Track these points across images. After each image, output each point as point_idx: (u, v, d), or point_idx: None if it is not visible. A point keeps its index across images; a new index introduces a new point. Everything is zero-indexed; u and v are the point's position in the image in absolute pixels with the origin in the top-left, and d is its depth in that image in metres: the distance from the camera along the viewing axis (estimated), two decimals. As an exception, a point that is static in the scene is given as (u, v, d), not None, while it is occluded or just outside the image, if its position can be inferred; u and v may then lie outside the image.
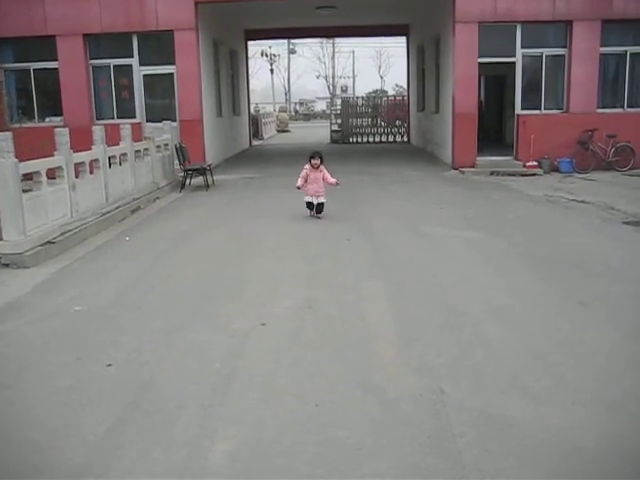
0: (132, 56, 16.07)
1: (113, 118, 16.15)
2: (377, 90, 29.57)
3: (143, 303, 6.08)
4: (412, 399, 3.99)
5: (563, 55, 15.71)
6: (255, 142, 27.43)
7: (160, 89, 16.60)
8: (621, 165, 15.33)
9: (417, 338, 5.00)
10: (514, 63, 15.73)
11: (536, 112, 15.92)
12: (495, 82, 20.23)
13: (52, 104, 16.42)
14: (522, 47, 15.62)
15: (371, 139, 27.38)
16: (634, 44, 15.66)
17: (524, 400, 3.94)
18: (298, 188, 9.88)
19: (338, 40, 61.11)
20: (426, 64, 21.42)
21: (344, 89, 60.45)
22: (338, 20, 22.21)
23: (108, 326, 5.44)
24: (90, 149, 10.05)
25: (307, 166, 9.78)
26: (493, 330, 5.15)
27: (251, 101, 27.79)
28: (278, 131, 36.78)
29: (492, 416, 3.74)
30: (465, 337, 5.00)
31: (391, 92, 28.92)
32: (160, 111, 16.18)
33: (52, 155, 8.73)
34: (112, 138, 11.15)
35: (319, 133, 32.97)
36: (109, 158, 10.55)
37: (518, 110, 15.99)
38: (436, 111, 19.22)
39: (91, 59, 16.12)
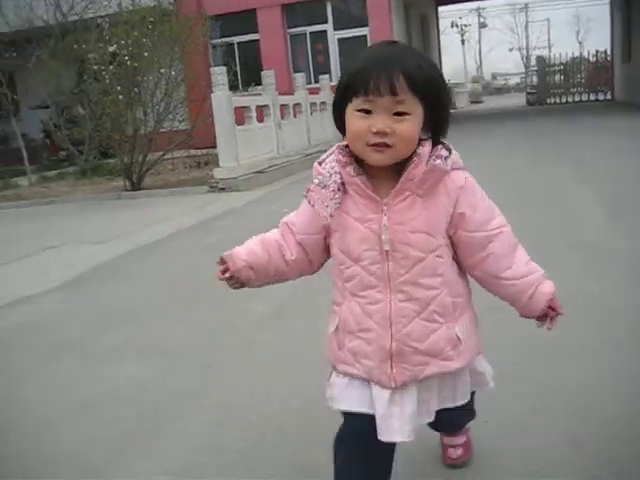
0: (327, 22, 16.61)
1: (311, 83, 16.77)
2: (576, 58, 27.37)
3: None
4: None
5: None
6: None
7: (353, 52, 16.98)
8: None
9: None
10: None
11: None
12: None
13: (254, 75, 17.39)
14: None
15: (570, 99, 25.74)
16: None
17: None
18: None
19: (531, 7, 58.50)
20: (633, 10, 19.72)
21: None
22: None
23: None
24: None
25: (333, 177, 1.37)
26: None
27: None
28: (471, 102, 35.81)
29: None
30: None
31: (592, 59, 26.68)
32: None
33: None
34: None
35: (514, 102, 31.84)
36: (310, 105, 11.05)
37: None
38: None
39: (288, 28, 16.89)
